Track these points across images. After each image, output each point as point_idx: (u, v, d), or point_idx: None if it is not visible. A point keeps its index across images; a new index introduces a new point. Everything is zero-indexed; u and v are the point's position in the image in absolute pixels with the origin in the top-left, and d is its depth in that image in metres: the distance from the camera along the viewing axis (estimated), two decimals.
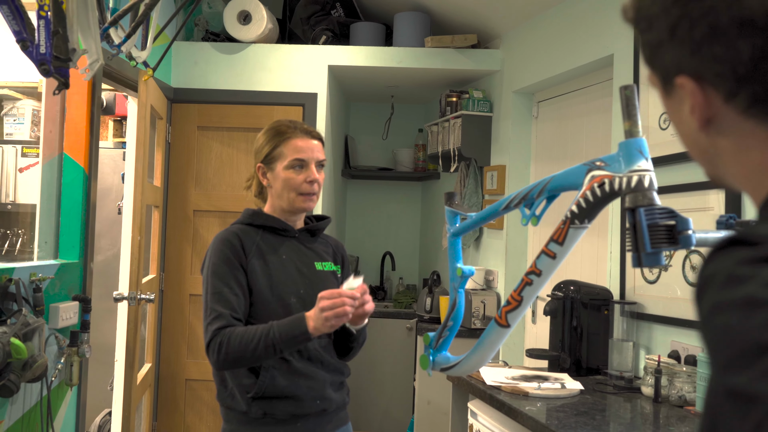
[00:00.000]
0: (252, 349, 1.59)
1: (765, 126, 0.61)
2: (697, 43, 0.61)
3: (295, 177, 1.75)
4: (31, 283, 2.30)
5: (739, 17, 0.58)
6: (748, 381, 0.44)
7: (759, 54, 0.58)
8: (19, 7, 1.65)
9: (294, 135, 1.77)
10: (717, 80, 0.61)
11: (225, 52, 3.51)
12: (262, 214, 1.81)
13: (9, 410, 2.26)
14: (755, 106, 0.60)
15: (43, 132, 2.66)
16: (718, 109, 0.62)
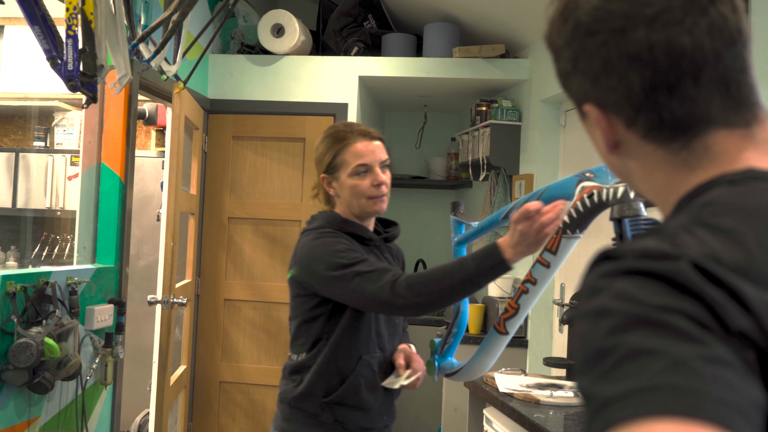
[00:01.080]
0: (448, 284, 1.46)
1: (663, 150, 0.65)
2: (595, 75, 0.65)
3: (361, 183, 1.70)
4: (68, 286, 2.42)
5: (626, 52, 0.62)
6: (588, 383, 0.48)
7: (648, 86, 0.62)
8: (51, 27, 1.76)
9: (353, 139, 1.72)
10: (616, 108, 0.65)
11: (259, 64, 3.62)
12: (348, 221, 1.75)
13: (46, 407, 2.38)
14: (651, 132, 0.65)
15: (82, 142, 2.80)
16: (622, 134, 0.67)
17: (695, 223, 0.56)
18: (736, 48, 0.62)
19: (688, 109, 0.62)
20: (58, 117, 4.65)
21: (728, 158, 0.63)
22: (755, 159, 0.62)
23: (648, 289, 0.50)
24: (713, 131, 0.63)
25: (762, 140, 0.64)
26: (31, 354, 2.07)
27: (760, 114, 0.64)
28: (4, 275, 2.12)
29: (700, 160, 0.64)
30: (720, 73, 0.62)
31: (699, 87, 0.61)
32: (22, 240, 4.53)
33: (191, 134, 3.50)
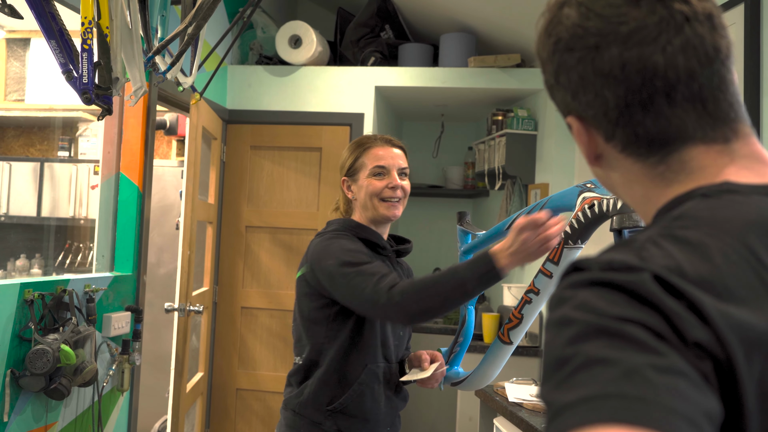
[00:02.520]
0: (441, 292, 1.46)
1: (640, 164, 0.66)
2: (574, 90, 0.66)
3: (377, 183, 1.74)
4: (85, 293, 2.46)
5: (600, 69, 0.63)
6: (547, 390, 0.49)
7: (622, 102, 0.63)
8: (68, 41, 1.81)
9: (374, 144, 1.79)
10: (595, 122, 0.66)
11: (277, 74, 3.66)
12: (364, 226, 1.76)
13: (62, 413, 2.42)
14: (629, 147, 0.66)
15: (102, 152, 2.85)
16: (603, 147, 0.68)
17: (664, 235, 0.57)
18: (713, 66, 0.62)
19: (662, 126, 0.63)
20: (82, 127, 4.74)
21: (705, 173, 0.64)
22: (732, 173, 0.63)
23: (608, 299, 0.51)
24: (690, 147, 0.64)
25: (742, 155, 0.64)
26: (47, 360, 2.11)
27: (740, 129, 0.65)
28: (22, 283, 2.17)
29: (677, 174, 0.65)
30: (695, 91, 0.62)
31: (673, 104, 0.62)
32: (46, 248, 4.62)
33: (210, 144, 3.55)
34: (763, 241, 0.55)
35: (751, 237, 0.55)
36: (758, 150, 0.65)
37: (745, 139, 0.64)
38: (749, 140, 0.65)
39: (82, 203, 4.53)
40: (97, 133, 4.66)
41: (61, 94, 4.35)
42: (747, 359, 0.49)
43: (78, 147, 4.75)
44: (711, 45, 0.62)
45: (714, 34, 0.62)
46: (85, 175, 4.54)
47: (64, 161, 4.55)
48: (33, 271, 4.55)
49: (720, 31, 0.63)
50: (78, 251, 4.63)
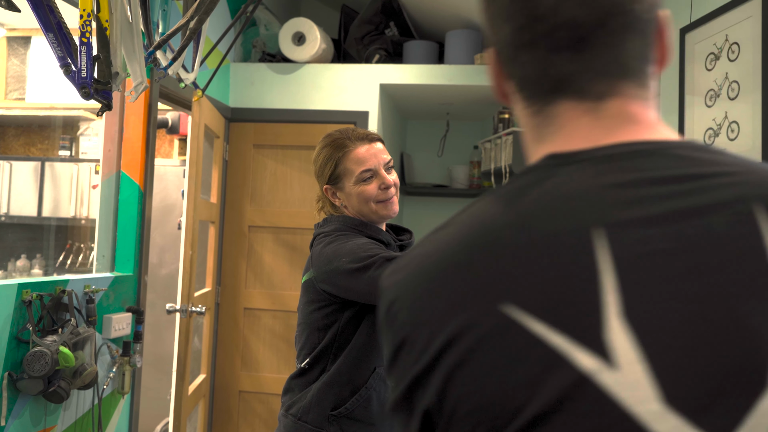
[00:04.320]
0: None
1: (526, 111, 0.66)
2: (489, 23, 0.68)
3: (368, 188, 1.66)
4: (85, 294, 2.41)
5: (498, 5, 0.64)
6: None
7: (512, 41, 0.63)
8: (66, 35, 1.76)
9: (352, 145, 1.68)
10: (501, 58, 0.67)
11: (280, 72, 3.61)
12: (368, 224, 1.69)
13: (62, 416, 2.37)
14: (519, 90, 0.66)
15: (103, 151, 2.80)
16: (507, 84, 0.68)
17: (437, 228, 0.64)
18: (603, 18, 0.60)
19: (541, 71, 0.62)
20: (83, 126, 4.69)
21: (562, 134, 0.62)
22: (581, 136, 0.61)
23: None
24: (562, 101, 0.62)
25: (609, 115, 0.61)
26: (45, 363, 2.06)
27: (621, 87, 0.62)
28: (20, 284, 2.12)
29: (546, 129, 0.64)
30: (578, 40, 0.60)
31: (553, 50, 0.61)
32: (47, 248, 4.57)
33: (212, 142, 3.50)
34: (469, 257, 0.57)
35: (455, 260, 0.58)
36: (632, 110, 0.62)
37: (620, 98, 0.61)
38: (625, 100, 0.62)
39: (83, 203, 4.48)
40: (98, 132, 4.61)
41: (62, 93, 4.31)
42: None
43: (79, 146, 4.71)
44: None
45: None
46: (86, 175, 4.49)
47: (65, 160, 4.51)
48: (33, 272, 4.50)
49: None
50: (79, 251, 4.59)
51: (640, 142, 0.60)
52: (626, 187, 0.56)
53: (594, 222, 0.55)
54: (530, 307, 0.52)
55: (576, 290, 0.53)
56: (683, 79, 2.31)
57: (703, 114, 2.19)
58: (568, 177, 0.58)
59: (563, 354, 0.51)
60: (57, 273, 4.45)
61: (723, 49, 2.09)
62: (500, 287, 0.54)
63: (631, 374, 0.50)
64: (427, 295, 0.57)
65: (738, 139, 2.00)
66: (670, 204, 0.55)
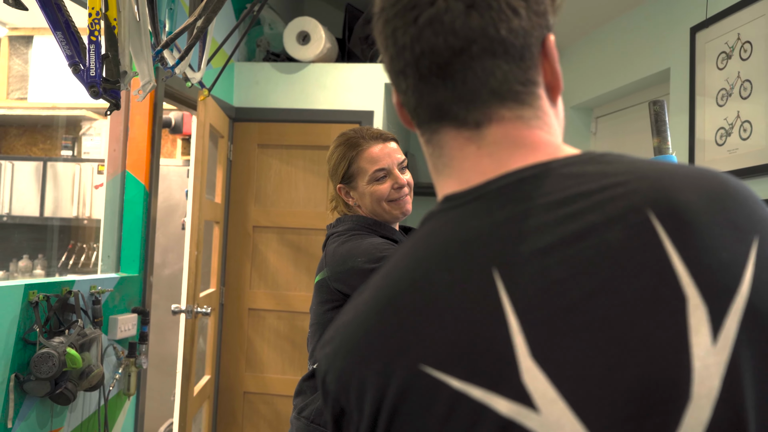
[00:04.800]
0: None
1: (422, 139, 0.66)
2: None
3: (381, 188, 1.65)
4: (91, 295, 2.39)
5: (377, 37, 0.65)
6: None
7: (389, 69, 0.64)
8: (74, 33, 1.74)
9: (366, 145, 1.67)
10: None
11: (284, 71, 3.59)
12: (380, 223, 1.68)
13: (68, 418, 2.35)
14: (412, 117, 0.66)
15: (107, 151, 2.78)
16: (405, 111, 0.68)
17: (357, 294, 0.62)
18: (464, 45, 0.59)
19: (417, 99, 0.62)
20: (86, 126, 4.67)
21: (455, 168, 0.62)
22: (470, 167, 0.61)
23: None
24: (445, 129, 0.62)
25: (491, 141, 0.60)
26: (53, 364, 2.04)
27: (498, 113, 0.60)
28: (26, 284, 2.10)
29: (439, 161, 0.63)
30: (441, 68, 0.59)
31: (422, 79, 0.61)
32: (49, 249, 4.55)
33: (216, 142, 3.48)
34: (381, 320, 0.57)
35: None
36: (517, 133, 0.60)
37: (500, 123, 0.60)
38: (507, 124, 0.60)
39: (85, 203, 4.46)
40: (101, 132, 4.59)
41: (65, 93, 4.29)
42: None
43: (81, 146, 4.69)
44: (463, 23, 0.58)
45: (473, 14, 0.58)
46: (88, 175, 4.47)
47: (67, 160, 4.49)
48: (36, 272, 4.48)
49: (483, 12, 0.59)
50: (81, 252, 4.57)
51: (524, 169, 0.58)
52: (517, 220, 0.55)
53: (491, 263, 0.54)
54: (445, 365, 0.52)
55: (485, 338, 0.52)
56: (693, 78, 2.29)
57: (714, 113, 2.18)
58: (462, 220, 0.58)
59: (486, 404, 0.50)
60: (59, 273, 4.43)
61: (735, 47, 2.08)
62: (414, 349, 0.53)
63: (553, 414, 0.49)
64: (350, 364, 0.57)
65: (750, 138, 1.99)
66: (563, 229, 0.53)
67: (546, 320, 0.51)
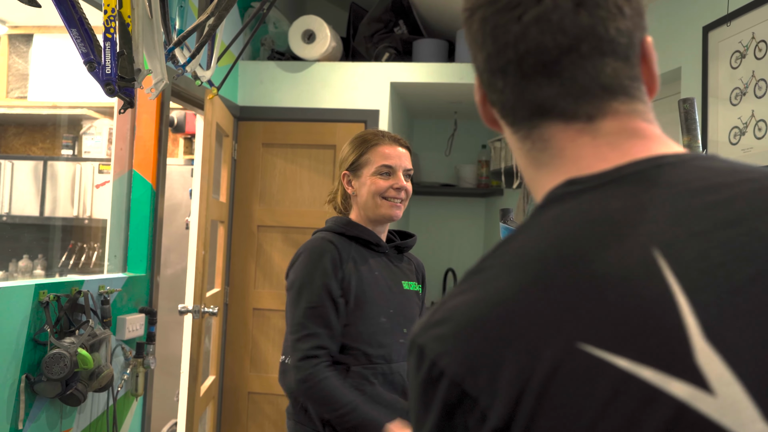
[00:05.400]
0: (328, 411, 1.58)
1: (516, 137, 0.65)
2: (469, 49, 0.68)
3: (382, 183, 1.73)
4: (100, 295, 2.38)
5: (471, 33, 0.64)
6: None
7: (486, 66, 0.63)
8: (88, 30, 1.72)
9: (381, 142, 1.76)
10: (482, 83, 0.67)
11: (289, 70, 3.58)
12: (356, 224, 1.76)
13: (77, 419, 2.33)
14: (502, 116, 0.65)
15: (114, 150, 2.76)
16: (491, 110, 0.68)
17: (474, 273, 0.59)
18: (572, 42, 0.59)
19: (518, 96, 0.62)
20: (86, 125, 4.64)
21: (566, 155, 0.61)
22: (590, 155, 0.60)
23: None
24: (549, 123, 0.62)
25: (607, 132, 0.60)
26: (64, 365, 2.03)
27: (609, 106, 0.61)
28: (37, 284, 2.08)
29: (542, 154, 0.63)
30: (548, 65, 0.60)
31: (525, 76, 0.61)
32: (50, 248, 4.52)
33: (221, 141, 3.46)
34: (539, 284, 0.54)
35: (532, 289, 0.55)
36: (633, 125, 0.61)
37: (615, 116, 0.61)
38: (622, 117, 0.61)
39: (86, 203, 4.43)
40: (102, 131, 4.57)
41: (65, 91, 4.26)
42: None
43: (82, 145, 4.65)
44: (572, 21, 0.59)
45: (582, 12, 0.59)
46: (89, 174, 4.44)
47: (68, 159, 4.46)
48: (36, 272, 4.45)
49: (592, 11, 0.59)
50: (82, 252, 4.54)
51: (660, 156, 0.58)
52: (665, 203, 0.55)
53: (650, 243, 0.53)
54: (610, 344, 0.50)
55: (654, 317, 0.50)
56: (706, 77, 2.29)
57: (727, 113, 2.18)
58: (602, 201, 0.57)
59: (658, 387, 0.49)
60: (60, 274, 4.40)
61: (749, 47, 2.08)
62: (570, 326, 0.51)
63: (729, 397, 0.48)
64: (481, 344, 0.53)
65: (766, 137, 1.98)
66: (713, 214, 0.54)
67: (715, 302, 0.50)
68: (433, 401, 0.55)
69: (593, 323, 0.51)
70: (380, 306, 1.68)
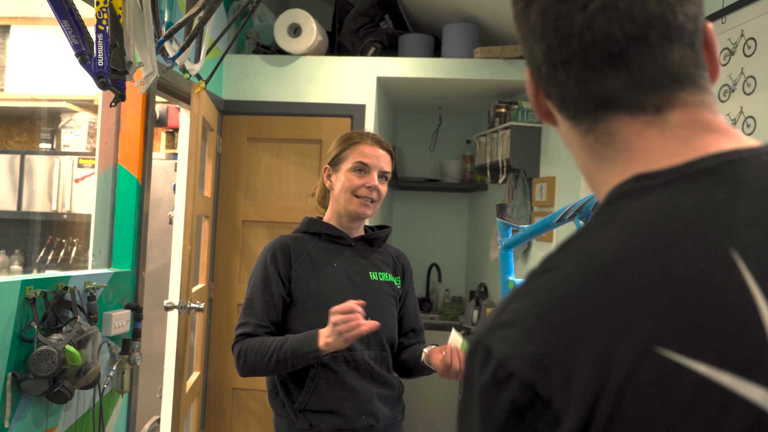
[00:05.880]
0: (266, 362, 1.64)
1: (576, 131, 0.63)
2: (522, 43, 0.65)
3: (356, 180, 1.77)
4: (86, 291, 2.34)
5: (529, 25, 0.62)
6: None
7: (547, 59, 0.61)
8: (78, 22, 1.69)
9: (362, 141, 1.82)
10: (537, 77, 0.65)
11: (275, 64, 3.55)
12: (317, 221, 1.83)
13: (63, 417, 2.30)
14: (561, 109, 0.63)
15: (99, 143, 2.72)
16: (546, 103, 0.66)
17: (539, 273, 0.57)
18: (640, 31, 0.57)
19: (582, 88, 0.60)
20: (66, 118, 4.57)
21: (632, 150, 0.60)
22: (658, 149, 0.59)
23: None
24: (615, 116, 0.60)
25: (676, 125, 0.59)
26: (53, 362, 1.99)
27: (678, 98, 0.59)
28: (23, 280, 2.05)
29: (606, 148, 0.61)
30: (615, 56, 0.58)
31: (591, 68, 0.59)
32: (28, 244, 4.45)
33: (206, 136, 3.43)
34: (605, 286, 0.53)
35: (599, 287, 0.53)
36: (702, 118, 0.59)
37: (684, 108, 0.59)
38: (691, 109, 0.59)
39: (65, 197, 4.37)
40: (81, 124, 4.50)
41: (44, 84, 4.18)
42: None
43: (61, 139, 4.58)
44: (641, 8, 0.57)
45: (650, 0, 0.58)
46: (68, 168, 4.37)
47: (46, 153, 4.38)
48: (13, 268, 4.37)
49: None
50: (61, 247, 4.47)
51: (733, 152, 0.57)
52: (740, 202, 0.53)
53: (727, 243, 0.51)
54: (689, 349, 0.48)
55: (734, 321, 0.49)
56: None
57: None
58: (674, 198, 0.55)
59: (737, 393, 0.47)
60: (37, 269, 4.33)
61: (738, 44, 2.10)
62: (646, 329, 0.50)
63: None
64: (558, 345, 0.52)
65: (755, 133, 2.01)
66: None
67: None
68: (498, 404, 0.53)
69: (671, 327, 0.49)
70: (338, 297, 1.71)
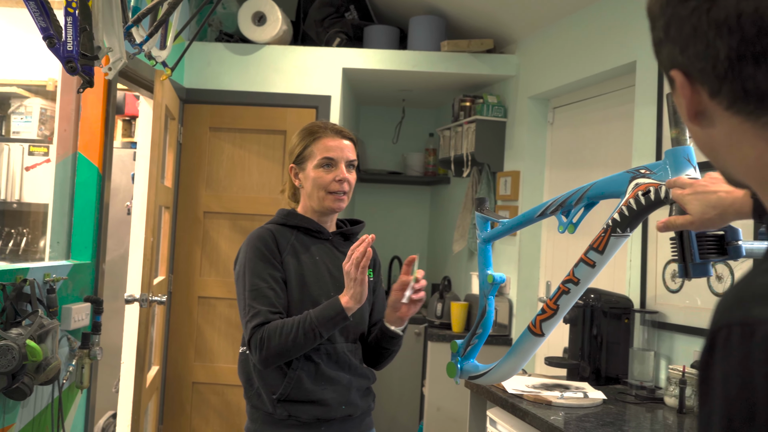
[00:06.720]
0: (293, 339, 1.59)
1: (750, 124, 0.62)
2: (684, 42, 0.63)
3: (325, 176, 1.76)
4: (45, 283, 2.26)
5: (715, 19, 0.60)
6: None
7: (734, 54, 0.60)
8: (44, 3, 1.62)
9: (324, 135, 1.79)
10: (701, 77, 0.63)
11: (238, 53, 3.49)
12: (296, 214, 1.81)
13: (20, 413, 2.22)
14: (736, 104, 0.62)
15: (57, 131, 2.63)
16: (706, 103, 0.65)
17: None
18: None
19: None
20: (15, 104, 4.40)
21: None
22: None
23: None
24: None
25: None
26: (12, 358, 1.92)
27: None
28: None
29: None
30: None
31: None
32: None
33: (167, 125, 3.35)
34: None
35: None
36: None
37: None
38: None
39: (14, 186, 4.21)
40: (32, 110, 4.34)
41: None
42: None
43: (10, 125, 4.41)
44: None
45: None
46: (18, 156, 4.22)
47: None
48: None
49: None
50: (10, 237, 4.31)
51: None
52: None
53: None
54: None
55: None
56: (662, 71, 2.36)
57: None
58: None
59: None
60: None
61: None
62: None
63: None
64: None
65: None
66: None
67: None
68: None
69: None
70: (321, 288, 1.72)
